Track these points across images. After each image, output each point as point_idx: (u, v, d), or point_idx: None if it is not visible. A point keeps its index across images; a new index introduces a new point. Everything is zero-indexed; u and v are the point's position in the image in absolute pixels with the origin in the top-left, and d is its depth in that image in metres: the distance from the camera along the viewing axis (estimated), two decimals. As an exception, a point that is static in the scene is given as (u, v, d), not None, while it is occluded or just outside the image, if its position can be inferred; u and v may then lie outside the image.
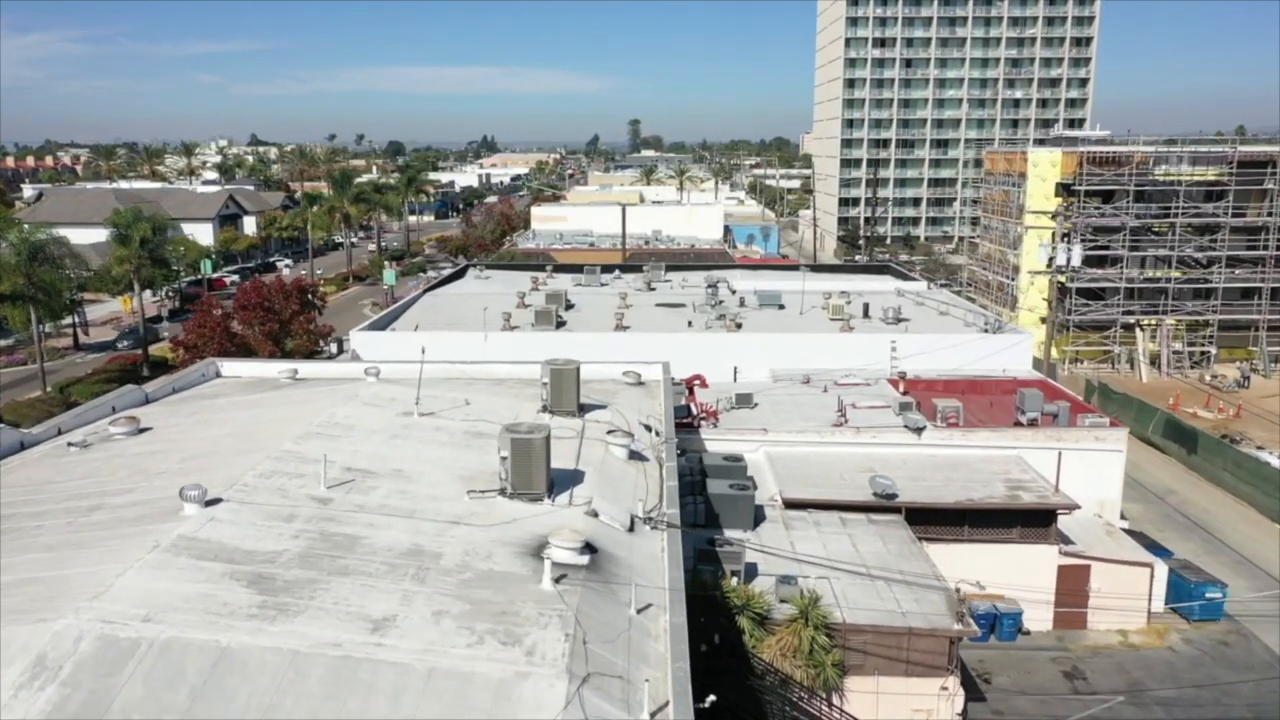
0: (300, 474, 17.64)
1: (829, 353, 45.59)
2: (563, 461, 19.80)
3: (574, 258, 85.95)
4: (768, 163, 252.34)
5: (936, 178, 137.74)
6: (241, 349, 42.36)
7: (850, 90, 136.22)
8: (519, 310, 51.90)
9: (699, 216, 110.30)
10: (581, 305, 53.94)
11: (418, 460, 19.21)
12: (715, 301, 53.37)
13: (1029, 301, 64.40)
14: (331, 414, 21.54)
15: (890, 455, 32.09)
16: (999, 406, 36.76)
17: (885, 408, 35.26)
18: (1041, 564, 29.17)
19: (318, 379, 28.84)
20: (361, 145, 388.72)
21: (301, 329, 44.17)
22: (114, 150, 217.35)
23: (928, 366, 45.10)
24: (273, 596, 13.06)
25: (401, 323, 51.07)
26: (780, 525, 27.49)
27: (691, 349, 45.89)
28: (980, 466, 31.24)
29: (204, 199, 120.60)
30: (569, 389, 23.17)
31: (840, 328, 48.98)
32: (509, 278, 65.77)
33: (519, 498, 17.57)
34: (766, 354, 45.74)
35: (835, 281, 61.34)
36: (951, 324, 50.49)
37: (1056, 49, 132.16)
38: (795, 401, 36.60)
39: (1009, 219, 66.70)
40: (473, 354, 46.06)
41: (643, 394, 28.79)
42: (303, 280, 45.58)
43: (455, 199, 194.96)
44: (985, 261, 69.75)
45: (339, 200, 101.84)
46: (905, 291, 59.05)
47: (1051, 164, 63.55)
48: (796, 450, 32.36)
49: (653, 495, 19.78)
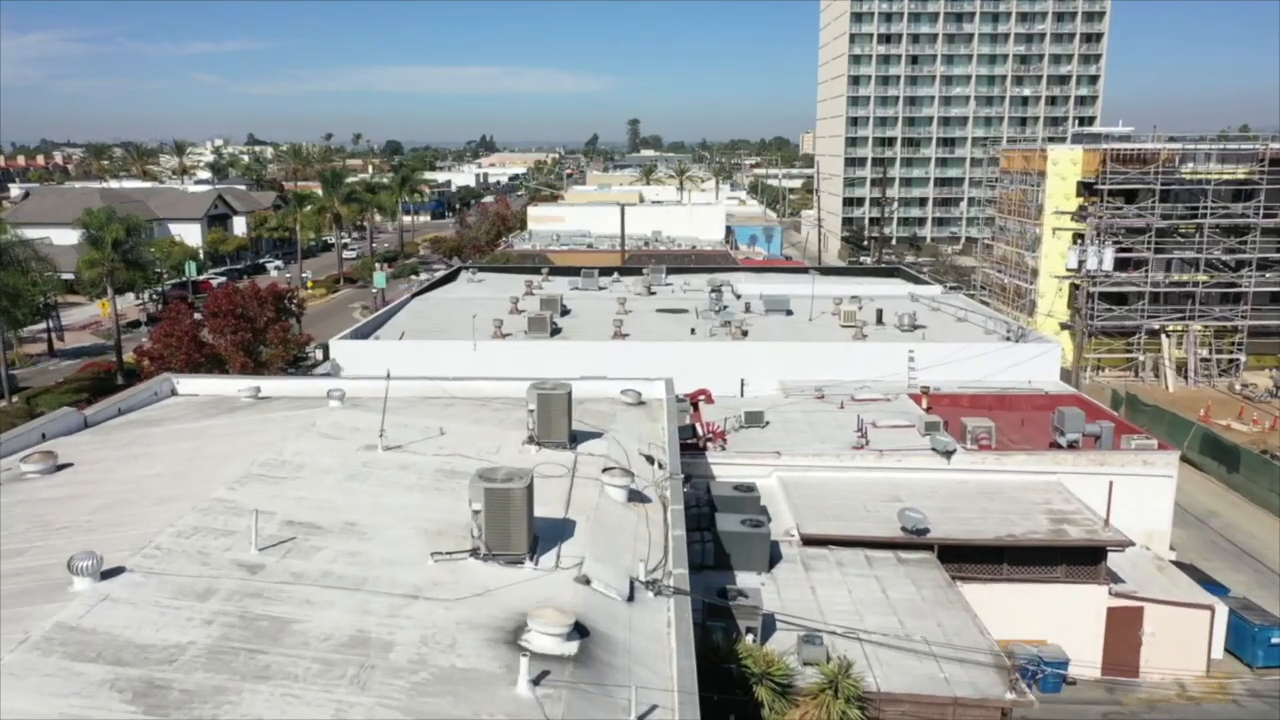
0: (229, 531, 14.54)
1: (842, 363, 42.62)
2: (550, 507, 16.73)
3: (571, 260, 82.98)
4: (771, 161, 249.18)
5: (943, 177, 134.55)
6: (212, 360, 39.28)
7: (855, 88, 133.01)
8: (512, 316, 48.91)
9: (700, 217, 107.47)
10: (578, 311, 50.96)
11: (376, 509, 16.11)
12: (719, 307, 50.31)
13: (1048, 306, 61.38)
14: (281, 449, 18.43)
15: (917, 482, 29.00)
16: (1032, 425, 33.68)
17: (909, 427, 32.17)
18: (1089, 606, 26.12)
19: (282, 398, 25.77)
20: (359, 145, 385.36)
21: (277, 338, 41.00)
22: (105, 149, 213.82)
23: (947, 378, 42.12)
24: (162, 718, 9.96)
25: (387, 330, 48.03)
26: (799, 566, 24.40)
27: (695, 359, 42.99)
28: (1018, 495, 28.16)
29: (192, 199, 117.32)
30: (559, 417, 20.07)
31: (853, 335, 45.95)
32: (503, 281, 62.83)
33: (495, 559, 14.49)
34: (775, 364, 42.78)
35: (844, 285, 58.27)
36: (971, 331, 47.47)
37: (1066, 45, 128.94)
38: (810, 420, 33.50)
39: (1026, 219, 63.59)
40: (461, 364, 43.15)
41: (644, 416, 25.72)
42: (278, 286, 42.45)
43: (452, 199, 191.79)
44: (1001, 264, 66.66)
45: (329, 200, 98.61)
46: (919, 296, 56.03)
47: (1072, 162, 60.42)
48: (813, 476, 29.26)
49: (656, 548, 16.71)
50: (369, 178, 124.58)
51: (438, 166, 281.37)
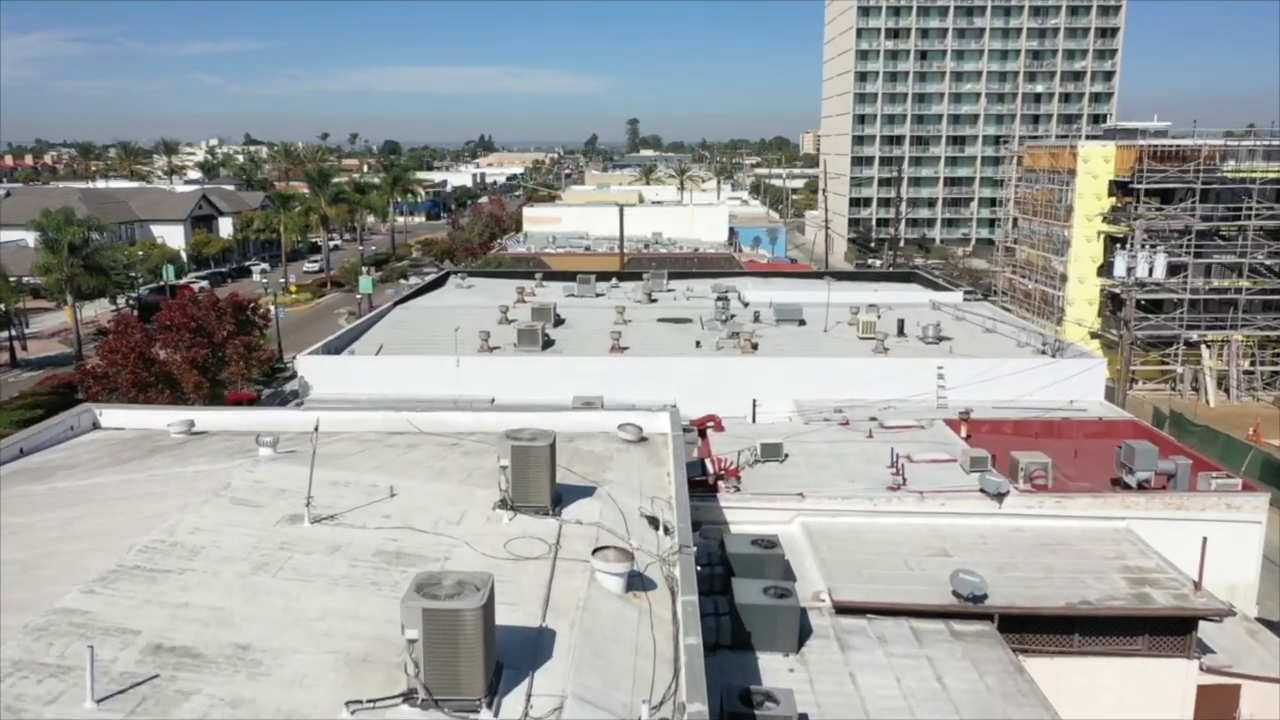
0: (64, 666, 10.34)
1: (863, 380, 38.49)
2: (521, 610, 12.57)
3: (567, 263, 78.92)
4: (775, 161, 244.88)
5: (953, 177, 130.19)
6: (163, 380, 35.08)
7: (862, 84, 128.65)
8: (501, 327, 44.77)
9: (702, 218, 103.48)
10: (573, 321, 46.86)
11: (284, 621, 11.89)
12: (726, 316, 46.16)
13: (1078, 314, 57.15)
14: (175, 525, 14.19)
15: (964, 530, 24.78)
16: (1087, 457, 29.46)
17: (950, 461, 27.92)
18: (1176, 684, 21.90)
19: (220, 432, 21.67)
20: (355, 145, 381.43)
21: (237, 354, 36.76)
22: (92, 148, 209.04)
23: (980, 397, 37.96)
24: None
25: (364, 342, 43.83)
26: (833, 643, 20.16)
27: (701, 376, 38.94)
28: (1086, 547, 23.93)
29: (175, 199, 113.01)
30: (538, 475, 15.87)
31: (873, 349, 41.77)
32: (493, 287, 58.73)
33: (437, 707, 10.30)
34: (790, 382, 38.66)
35: (857, 291, 54.08)
36: (1001, 345, 43.33)
37: (1080, 40, 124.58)
38: (835, 451, 29.24)
39: (1053, 221, 59.33)
40: (443, 382, 39.06)
41: (645, 457, 21.58)
42: (238, 295, 38.17)
43: (448, 199, 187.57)
44: (1026, 268, 62.41)
45: (316, 200, 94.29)
46: (940, 304, 51.89)
47: (1105, 159, 56.15)
48: (843, 523, 25.04)
49: (664, 663, 12.51)
50: (359, 178, 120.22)
51: (435, 166, 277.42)
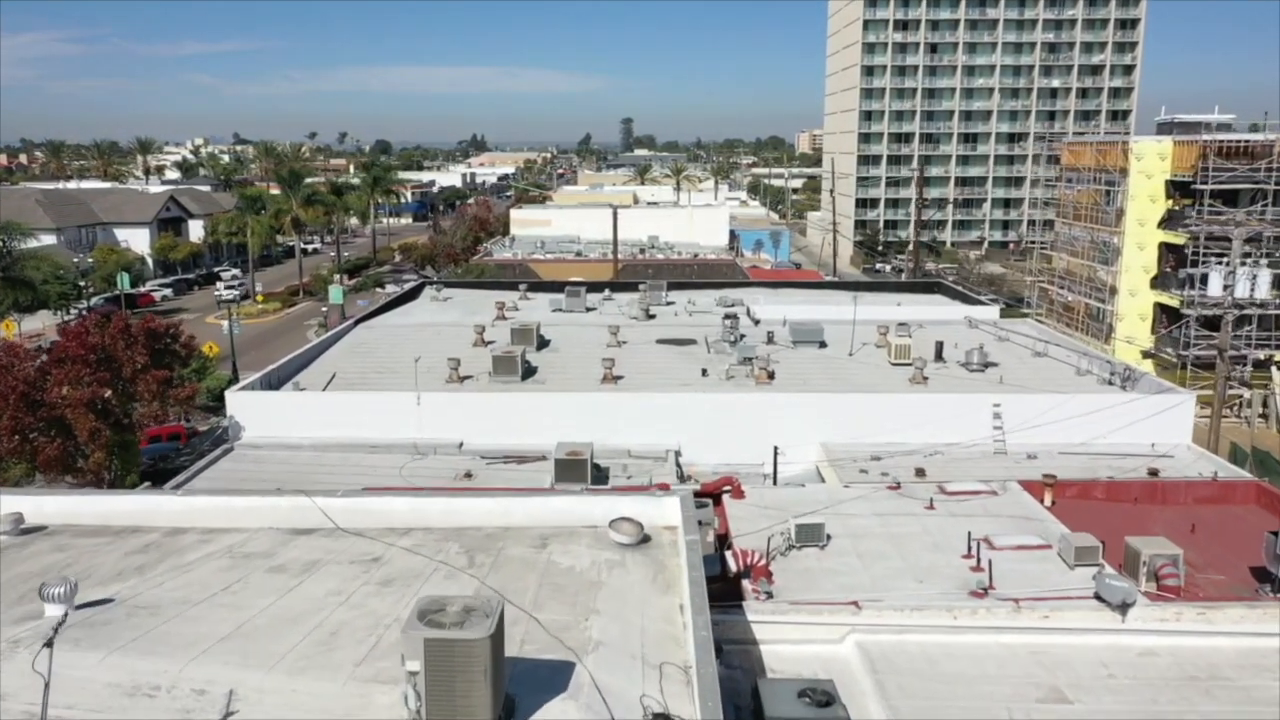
0: None
1: (902, 419, 32.25)
2: None
3: (556, 271, 72.54)
4: (777, 159, 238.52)
5: (964, 176, 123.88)
6: (54, 424, 28.56)
7: (869, 79, 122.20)
8: (476, 350, 38.46)
9: (701, 220, 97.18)
10: (559, 342, 40.49)
11: None
12: (735, 337, 39.81)
13: (1129, 330, 50.78)
14: None
15: (1078, 655, 18.26)
16: (1209, 533, 23.08)
17: (1044, 548, 21.43)
18: None
19: (67, 527, 15.36)
20: (345, 144, 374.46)
21: (149, 391, 30.09)
22: (64, 148, 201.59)
23: (1044, 439, 31.79)
24: None
25: (315, 370, 37.34)
26: None
27: (709, 415, 32.72)
28: (1251, 685, 17.51)
29: (141, 200, 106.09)
30: (469, 685, 9.37)
31: (909, 378, 35.48)
32: (472, 300, 52.38)
33: None
34: (815, 421, 32.38)
35: (880, 306, 47.63)
36: (1057, 372, 37.06)
37: (1099, 32, 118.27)
38: (889, 530, 22.73)
39: (1100, 227, 52.93)
40: (402, 420, 32.66)
41: (648, 575, 15.14)
42: (153, 321, 31.46)
43: (435, 200, 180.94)
44: (1067, 279, 55.99)
45: (286, 202, 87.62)
46: (977, 321, 45.61)
47: (1160, 156, 49.73)
48: (913, 643, 18.52)
49: None
50: (335, 178, 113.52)
51: (426, 166, 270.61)
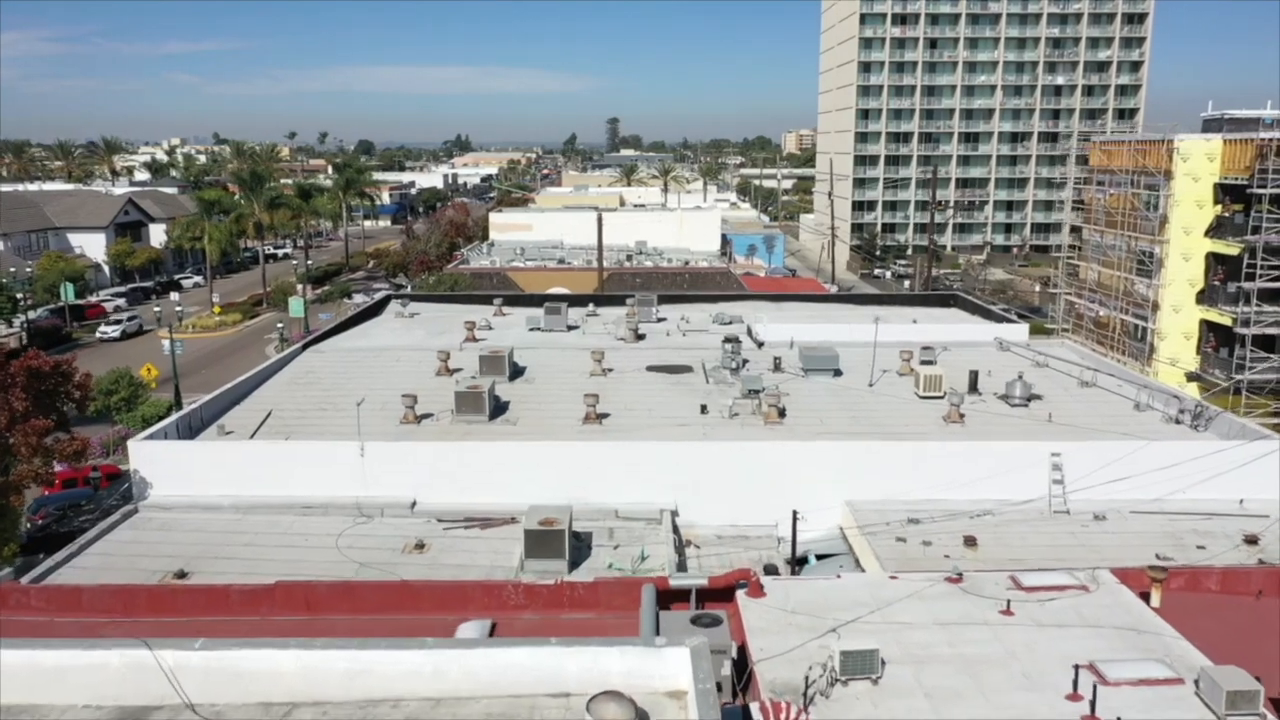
0: None
1: (940, 470, 26.73)
2: None
3: (537, 281, 66.98)
4: (768, 160, 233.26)
5: (965, 177, 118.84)
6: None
7: (866, 76, 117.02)
8: (438, 381, 32.98)
9: (692, 224, 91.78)
10: (535, 370, 34.81)
11: None
12: (737, 364, 34.24)
13: (1172, 351, 45.61)
14: None
15: None
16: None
17: (1173, 683, 16.04)
18: None
19: None
20: (326, 144, 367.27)
21: (27, 442, 24.33)
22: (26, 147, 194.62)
23: (1110, 496, 26.45)
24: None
25: (249, 406, 31.65)
26: None
27: (712, 469, 27.06)
28: None
29: (98, 203, 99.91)
30: None
31: (944, 415, 30.00)
32: (442, 316, 46.76)
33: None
34: (837, 473, 26.83)
35: (893, 323, 41.78)
36: (1112, 406, 31.67)
37: (1105, 27, 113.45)
38: (958, 649, 17.21)
39: (1139, 235, 47.76)
40: (345, 473, 27.00)
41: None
42: (36, 358, 25.69)
43: (414, 202, 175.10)
44: (1098, 292, 50.80)
45: (248, 206, 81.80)
46: (1009, 343, 40.10)
47: (1209, 157, 44.59)
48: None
49: None
50: (308, 179, 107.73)
51: (408, 167, 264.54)
